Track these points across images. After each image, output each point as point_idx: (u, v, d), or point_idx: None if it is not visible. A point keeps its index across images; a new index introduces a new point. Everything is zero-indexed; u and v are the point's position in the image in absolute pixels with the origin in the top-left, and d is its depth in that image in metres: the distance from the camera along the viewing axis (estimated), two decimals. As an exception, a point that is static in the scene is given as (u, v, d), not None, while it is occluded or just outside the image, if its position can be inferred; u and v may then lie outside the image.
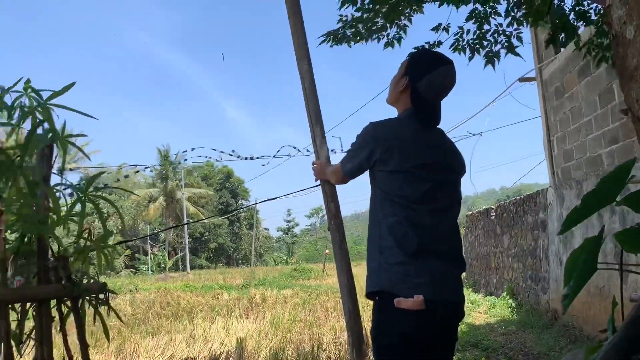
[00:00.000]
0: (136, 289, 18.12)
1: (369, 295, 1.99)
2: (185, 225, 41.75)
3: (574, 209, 2.24)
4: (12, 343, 1.63)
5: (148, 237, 44.06)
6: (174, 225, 33.80)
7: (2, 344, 1.58)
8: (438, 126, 2.15)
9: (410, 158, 1.95)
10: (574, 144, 7.03)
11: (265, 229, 64.15)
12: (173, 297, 14.74)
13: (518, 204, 9.84)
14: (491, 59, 4.16)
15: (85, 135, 1.84)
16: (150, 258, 41.77)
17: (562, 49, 7.21)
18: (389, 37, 4.26)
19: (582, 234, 6.61)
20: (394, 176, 1.96)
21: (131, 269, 41.44)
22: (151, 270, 39.82)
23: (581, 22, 4.16)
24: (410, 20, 4.25)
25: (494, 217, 11.67)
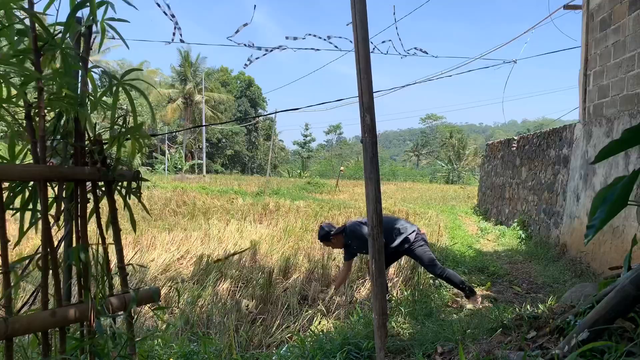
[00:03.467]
0: (154, 186, 18.58)
1: None
2: (203, 129, 41.97)
3: (615, 140, 2.17)
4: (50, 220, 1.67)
5: (166, 137, 44.52)
6: (196, 125, 33.72)
7: (41, 220, 1.63)
8: None
9: None
10: (612, 79, 6.76)
11: (281, 140, 64.45)
12: (189, 197, 15.13)
13: (542, 136, 9.67)
14: None
15: (128, 22, 1.77)
16: (168, 158, 42.47)
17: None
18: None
19: (605, 173, 6.53)
20: None
21: (148, 167, 42.35)
22: (167, 170, 40.66)
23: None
24: None
25: (514, 148, 11.54)
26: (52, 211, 1.75)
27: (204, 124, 39.68)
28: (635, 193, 5.65)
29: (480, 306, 4.75)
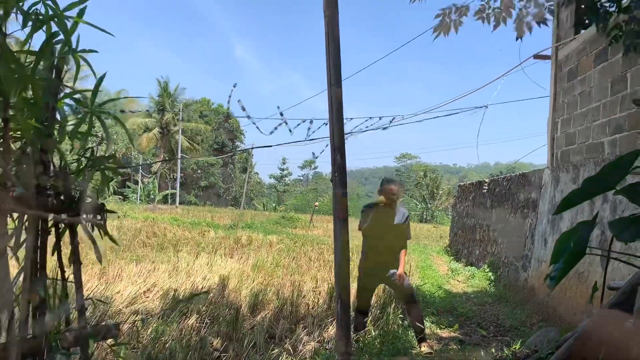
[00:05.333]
0: (125, 216, 18.25)
1: None
2: (179, 160, 41.69)
3: (573, 191, 2.23)
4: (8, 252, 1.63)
5: (140, 167, 44.03)
6: (172, 158, 33.39)
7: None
8: None
9: None
10: (578, 128, 7.01)
11: (256, 173, 64.38)
12: (160, 229, 14.88)
13: (512, 180, 9.89)
14: (520, 30, 4.06)
15: (97, 52, 1.78)
16: (140, 187, 41.89)
17: (582, 31, 7.07)
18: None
19: (571, 218, 6.69)
20: None
21: (119, 196, 41.68)
22: (139, 200, 40.05)
23: (614, 8, 4.04)
24: None
25: (486, 190, 11.75)
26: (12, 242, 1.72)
27: (179, 155, 39.43)
28: (600, 239, 5.78)
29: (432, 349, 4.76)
